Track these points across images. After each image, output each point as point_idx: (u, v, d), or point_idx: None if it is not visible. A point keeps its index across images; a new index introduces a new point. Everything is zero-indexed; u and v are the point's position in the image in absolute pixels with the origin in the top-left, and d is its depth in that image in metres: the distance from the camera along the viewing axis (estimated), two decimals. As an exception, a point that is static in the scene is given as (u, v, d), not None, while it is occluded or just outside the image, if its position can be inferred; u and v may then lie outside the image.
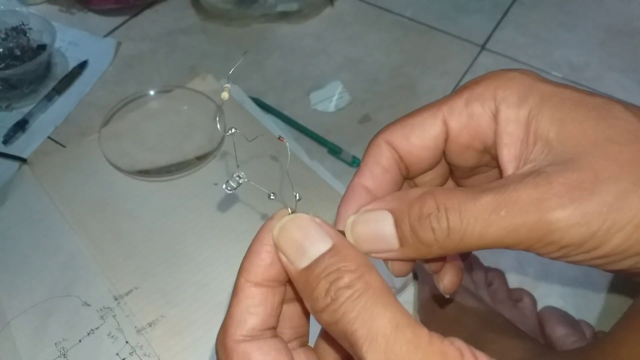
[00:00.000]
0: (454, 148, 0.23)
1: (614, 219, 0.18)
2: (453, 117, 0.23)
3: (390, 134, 0.24)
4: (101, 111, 0.59)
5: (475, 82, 0.23)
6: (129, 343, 0.43)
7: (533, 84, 0.21)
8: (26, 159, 0.55)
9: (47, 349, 0.42)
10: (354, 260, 0.18)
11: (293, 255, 0.19)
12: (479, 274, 0.46)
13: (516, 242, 0.19)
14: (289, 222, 0.20)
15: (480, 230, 0.19)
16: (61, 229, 0.50)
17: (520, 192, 0.19)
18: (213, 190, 0.52)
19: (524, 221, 0.19)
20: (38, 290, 0.46)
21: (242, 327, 0.20)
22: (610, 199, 0.18)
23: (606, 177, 0.18)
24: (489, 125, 0.22)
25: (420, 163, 0.24)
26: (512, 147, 0.21)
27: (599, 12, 0.73)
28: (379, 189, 0.24)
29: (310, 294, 0.18)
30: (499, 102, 0.21)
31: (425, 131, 0.23)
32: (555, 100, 0.20)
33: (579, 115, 0.20)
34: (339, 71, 0.65)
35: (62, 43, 0.67)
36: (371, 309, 0.17)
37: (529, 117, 0.21)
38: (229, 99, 0.62)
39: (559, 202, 0.18)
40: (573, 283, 0.47)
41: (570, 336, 0.41)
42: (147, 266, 0.47)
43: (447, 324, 0.41)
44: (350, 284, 0.17)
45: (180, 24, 0.71)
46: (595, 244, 0.19)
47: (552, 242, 0.19)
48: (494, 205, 0.19)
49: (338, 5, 0.74)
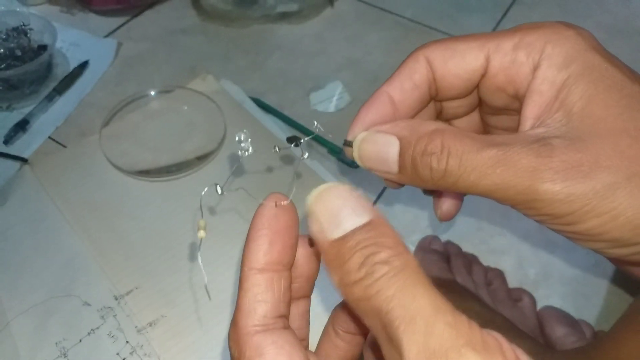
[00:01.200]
0: (488, 86, 0.24)
1: (594, 205, 0.19)
2: (497, 57, 0.23)
3: (432, 52, 0.24)
4: (102, 111, 0.59)
5: (530, 28, 0.23)
6: (129, 343, 0.43)
7: (583, 51, 0.21)
8: (27, 159, 0.55)
9: (47, 348, 0.43)
10: (392, 237, 0.17)
11: (327, 224, 0.18)
12: (478, 273, 0.46)
13: (502, 198, 0.20)
14: (327, 190, 0.19)
15: (473, 180, 0.20)
16: (62, 229, 0.50)
17: (522, 156, 0.20)
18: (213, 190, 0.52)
19: (515, 183, 0.20)
20: (38, 290, 0.46)
21: (253, 317, 0.19)
22: (599, 186, 0.19)
23: (605, 165, 0.19)
24: (526, 77, 0.22)
25: (451, 89, 0.24)
26: (536, 106, 0.22)
27: (600, 11, 0.73)
28: (404, 104, 0.24)
29: (341, 266, 0.17)
30: (543, 58, 0.22)
31: (466, 61, 0.23)
32: (595, 75, 0.21)
33: (609, 100, 0.20)
34: (339, 71, 0.65)
35: (63, 43, 0.67)
36: (410, 289, 0.16)
37: (565, 84, 0.21)
38: (229, 99, 0.62)
39: (553, 176, 0.19)
40: (573, 283, 0.47)
41: (570, 336, 0.41)
42: (148, 266, 0.47)
43: (447, 323, 0.41)
44: (388, 260, 0.16)
45: (180, 25, 0.72)
46: (571, 220, 0.20)
47: (534, 208, 0.20)
48: (494, 161, 0.20)
49: (338, 6, 0.74)
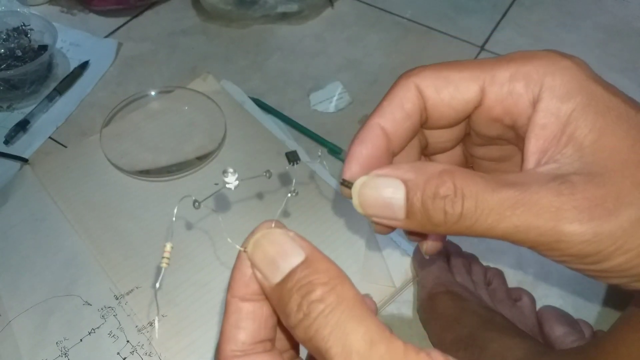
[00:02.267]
0: (483, 117, 0.23)
1: (622, 243, 0.18)
2: (492, 88, 0.22)
3: (423, 80, 0.22)
4: (102, 111, 0.59)
5: (526, 57, 0.21)
6: (129, 342, 0.43)
7: (584, 81, 0.20)
8: (27, 159, 0.55)
9: (48, 348, 0.43)
10: (326, 272, 0.18)
11: (266, 271, 0.19)
12: (478, 273, 0.46)
13: (523, 240, 0.19)
14: (262, 238, 0.19)
15: (491, 222, 0.19)
16: (62, 228, 0.50)
17: (541, 195, 0.19)
18: (213, 190, 0.52)
19: (537, 225, 0.18)
20: (39, 289, 0.46)
21: (233, 343, 0.20)
22: (626, 224, 0.18)
23: (628, 201, 0.18)
24: (525, 109, 0.21)
25: (442, 119, 0.23)
26: (541, 140, 0.21)
27: (598, 12, 0.73)
28: (396, 134, 0.23)
29: (284, 309, 0.18)
30: (544, 90, 0.21)
31: (459, 91, 0.22)
32: (602, 106, 0.20)
33: (619, 131, 0.19)
34: (339, 72, 0.65)
35: (64, 44, 0.67)
36: (344, 325, 0.16)
37: (571, 117, 0.20)
38: (230, 99, 0.62)
39: (578, 216, 0.18)
40: (572, 282, 0.47)
41: (569, 335, 0.41)
42: (148, 266, 0.47)
43: (446, 323, 0.42)
44: (322, 297, 0.17)
45: (181, 25, 0.72)
46: (597, 259, 0.19)
47: (557, 249, 0.19)
48: (512, 202, 0.19)
49: (338, 6, 0.74)
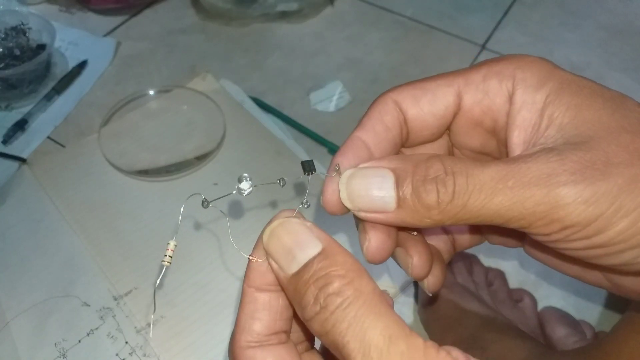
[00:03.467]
0: (463, 122, 0.23)
1: (622, 202, 0.18)
2: (468, 90, 0.22)
3: (399, 94, 0.23)
4: (101, 111, 0.59)
5: (494, 60, 0.22)
6: (128, 343, 0.43)
7: (552, 70, 0.21)
8: (26, 159, 0.55)
9: (46, 349, 0.42)
10: (343, 264, 0.17)
11: (282, 261, 0.19)
12: (479, 274, 0.46)
13: (519, 215, 0.19)
14: (278, 227, 0.19)
15: (484, 198, 0.18)
16: (61, 229, 0.49)
17: (530, 164, 0.19)
18: (213, 190, 0.52)
19: (531, 193, 0.18)
20: (37, 290, 0.46)
21: (248, 333, 0.19)
22: (621, 181, 0.18)
23: (618, 161, 0.18)
24: (502, 105, 0.22)
25: (423, 130, 0.23)
26: (523, 130, 0.21)
27: (600, 11, 0.73)
28: (377, 147, 0.23)
29: (300, 301, 0.18)
30: (517, 83, 0.21)
31: (437, 98, 0.22)
32: (574, 87, 0.20)
33: (595, 104, 0.20)
34: (339, 71, 0.65)
35: (62, 43, 0.67)
36: (362, 320, 0.16)
37: (546, 102, 0.20)
38: (229, 98, 0.62)
39: (571, 177, 0.18)
40: (574, 283, 0.47)
41: (571, 336, 0.41)
42: (147, 266, 0.47)
43: (447, 324, 0.41)
44: (340, 290, 0.17)
45: (179, 24, 0.71)
46: (599, 226, 0.18)
47: (556, 220, 0.18)
48: (502, 174, 0.19)
49: (338, 5, 0.74)
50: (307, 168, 0.22)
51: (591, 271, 0.24)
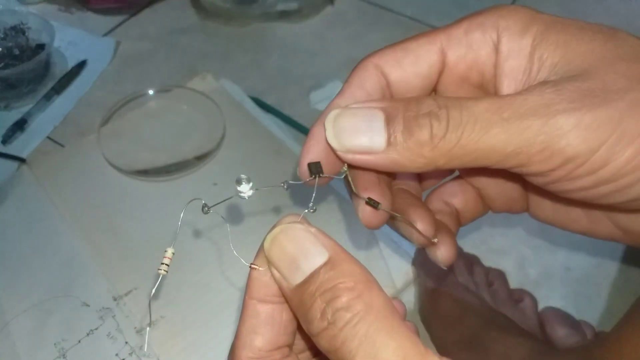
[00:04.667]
0: (449, 80, 0.22)
1: (625, 127, 0.17)
2: (451, 46, 0.21)
3: (380, 58, 0.22)
4: (100, 111, 0.59)
5: (475, 13, 0.21)
6: (128, 344, 0.42)
7: (536, 15, 0.20)
8: (25, 158, 0.55)
9: (46, 349, 0.42)
10: (351, 274, 0.16)
11: (286, 271, 0.17)
12: (480, 274, 0.46)
13: (517, 149, 0.17)
14: (281, 234, 0.18)
15: (479, 131, 0.17)
16: (60, 229, 0.49)
17: (526, 96, 0.18)
18: (212, 190, 0.52)
19: (529, 124, 0.17)
20: (37, 290, 0.46)
21: (249, 349, 0.19)
22: (622, 105, 0.17)
23: (617, 88, 0.17)
24: (488, 56, 0.21)
25: (408, 92, 0.22)
26: (513, 79, 0.20)
27: (600, 10, 0.73)
28: None
29: (305, 314, 0.16)
30: (501, 31, 0.20)
31: (420, 57, 0.21)
32: (559, 26, 0.20)
33: (585, 37, 0.19)
34: (340, 70, 0.65)
35: (61, 42, 0.67)
36: (374, 338, 0.15)
37: (533, 45, 0.20)
38: (229, 98, 0.62)
39: (570, 105, 0.17)
40: (574, 283, 0.47)
41: (571, 336, 0.41)
42: (147, 267, 0.47)
43: (448, 323, 0.41)
44: (349, 305, 0.15)
45: (179, 23, 0.71)
46: (603, 157, 0.17)
47: (557, 152, 0.17)
48: (497, 106, 0.17)
49: (338, 4, 0.73)
50: (314, 170, 0.20)
51: (600, 223, 0.23)
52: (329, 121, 0.19)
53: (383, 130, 0.18)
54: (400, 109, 0.19)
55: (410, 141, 0.18)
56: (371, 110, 0.19)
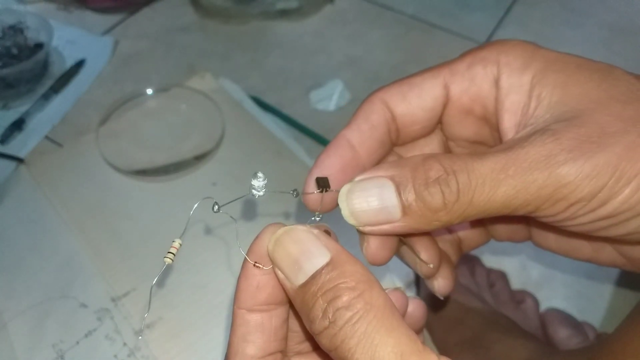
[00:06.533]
0: (454, 113, 0.23)
1: (622, 170, 0.18)
2: (454, 80, 0.22)
3: (386, 92, 0.23)
4: (99, 110, 0.58)
5: (477, 48, 0.22)
6: (126, 345, 0.42)
7: (536, 51, 0.21)
8: (23, 158, 0.55)
9: (44, 350, 0.42)
10: (353, 275, 0.17)
11: (289, 271, 0.18)
12: (481, 275, 0.46)
13: (525, 202, 0.19)
14: (284, 235, 0.19)
15: (489, 190, 0.18)
16: (58, 229, 0.49)
17: (528, 149, 0.19)
18: (212, 190, 0.52)
19: (534, 178, 0.18)
20: (35, 291, 0.45)
21: (241, 356, 0.19)
22: (618, 150, 0.18)
23: (612, 131, 0.18)
24: (490, 90, 0.22)
25: (414, 125, 0.23)
26: (512, 114, 0.21)
27: (602, 10, 0.72)
28: (363, 146, 0.23)
29: (307, 314, 0.17)
30: (501, 67, 0.21)
31: (424, 91, 0.23)
32: (559, 65, 0.20)
33: (582, 77, 0.20)
34: (340, 69, 0.65)
35: (60, 41, 0.66)
36: (373, 336, 0.15)
37: (532, 82, 0.21)
38: (228, 97, 0.62)
39: (569, 155, 0.18)
40: (576, 285, 0.47)
41: (573, 338, 0.41)
42: (145, 267, 0.47)
43: (450, 324, 0.41)
44: (350, 303, 0.16)
45: (178, 22, 0.71)
46: (604, 198, 0.18)
47: (562, 199, 0.18)
48: (502, 164, 0.18)
49: (338, 3, 0.73)
50: (321, 184, 0.21)
51: (603, 250, 0.24)
52: (342, 200, 0.20)
53: (396, 201, 0.19)
54: (408, 177, 0.19)
55: (424, 209, 0.19)
56: (380, 181, 0.20)
